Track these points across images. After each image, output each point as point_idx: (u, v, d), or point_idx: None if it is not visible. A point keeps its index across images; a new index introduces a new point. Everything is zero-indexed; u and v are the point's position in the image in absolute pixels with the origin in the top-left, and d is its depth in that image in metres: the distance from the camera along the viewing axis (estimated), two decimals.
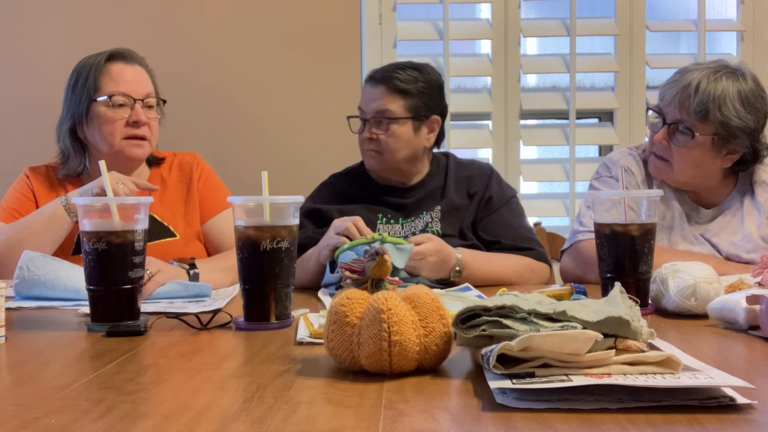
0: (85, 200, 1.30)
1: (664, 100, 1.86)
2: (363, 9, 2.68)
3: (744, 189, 1.95)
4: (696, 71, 1.82)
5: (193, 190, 2.03)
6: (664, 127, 1.84)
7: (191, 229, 1.99)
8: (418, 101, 1.96)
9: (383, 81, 1.95)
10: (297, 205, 1.31)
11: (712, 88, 1.78)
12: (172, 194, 2.02)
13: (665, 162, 1.88)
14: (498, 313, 0.92)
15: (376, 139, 1.95)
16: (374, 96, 1.95)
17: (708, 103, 1.78)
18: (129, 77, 1.91)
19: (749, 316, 1.17)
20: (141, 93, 1.90)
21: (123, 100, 1.88)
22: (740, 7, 2.78)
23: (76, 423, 0.75)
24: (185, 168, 2.06)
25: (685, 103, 1.80)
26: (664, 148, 1.86)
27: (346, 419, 0.76)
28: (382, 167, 2.00)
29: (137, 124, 1.89)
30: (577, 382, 0.78)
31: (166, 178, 2.04)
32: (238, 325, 1.26)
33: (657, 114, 1.88)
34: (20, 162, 2.07)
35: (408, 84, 1.95)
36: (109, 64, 1.91)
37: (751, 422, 0.74)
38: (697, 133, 1.80)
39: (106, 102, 1.88)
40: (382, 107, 1.94)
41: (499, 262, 1.87)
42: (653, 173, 1.93)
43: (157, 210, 1.96)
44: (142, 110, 1.90)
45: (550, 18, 2.81)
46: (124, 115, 1.89)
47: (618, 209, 1.39)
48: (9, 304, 1.43)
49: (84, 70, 1.91)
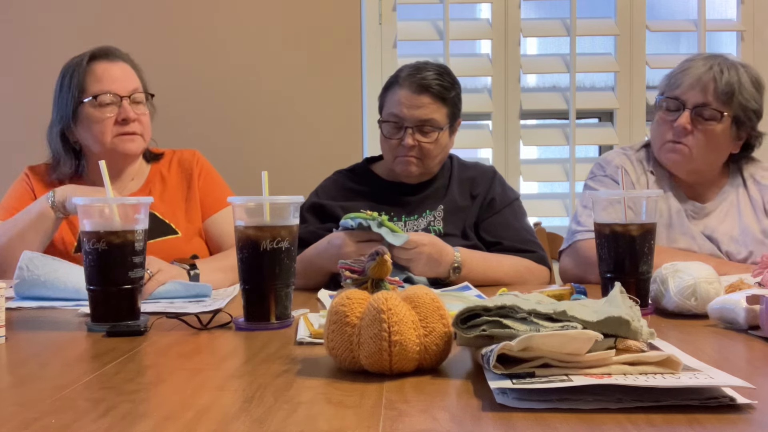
0: (85, 200, 1.30)
1: (681, 87, 1.88)
2: (363, 9, 2.68)
3: (735, 183, 1.99)
4: (708, 59, 1.89)
5: (194, 187, 2.02)
6: (686, 112, 1.86)
7: (192, 226, 1.99)
8: (454, 108, 1.98)
9: (426, 89, 1.92)
10: (297, 205, 1.31)
11: (734, 72, 1.86)
12: (172, 192, 2.01)
13: (685, 147, 1.89)
14: (498, 313, 0.92)
15: (417, 146, 1.95)
16: (417, 103, 1.92)
17: (733, 84, 1.85)
18: (114, 75, 1.90)
19: (749, 316, 1.17)
20: (127, 89, 1.90)
21: (110, 98, 1.88)
22: (740, 7, 2.77)
23: (76, 423, 0.75)
24: (185, 165, 2.06)
25: (709, 86, 1.84)
26: (687, 133, 1.87)
27: (346, 419, 0.76)
28: (420, 172, 2.00)
29: (126, 121, 1.89)
30: (577, 382, 0.78)
31: (166, 176, 2.03)
32: (238, 325, 1.26)
33: (674, 101, 1.89)
34: (19, 162, 2.07)
35: (448, 92, 1.95)
36: (92, 64, 1.89)
37: (751, 422, 0.74)
38: (725, 113, 1.85)
39: (92, 102, 1.87)
40: (427, 116, 1.93)
41: (498, 262, 1.87)
42: (670, 161, 1.93)
43: (158, 208, 1.96)
44: (130, 106, 1.89)
45: (550, 18, 2.81)
46: (112, 114, 1.88)
47: (618, 209, 1.39)
48: (9, 304, 1.43)
49: (68, 72, 1.91)
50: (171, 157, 2.07)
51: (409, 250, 1.70)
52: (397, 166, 1.99)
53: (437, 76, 1.94)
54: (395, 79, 1.98)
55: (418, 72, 1.94)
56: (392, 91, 1.97)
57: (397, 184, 2.04)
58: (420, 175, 2.01)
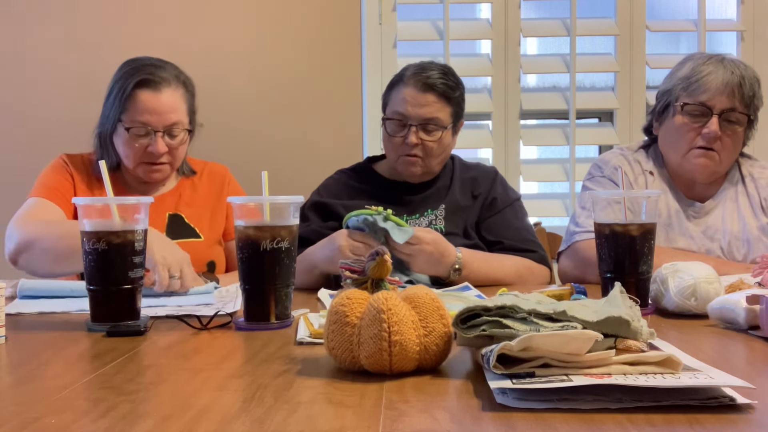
0: (85, 200, 1.30)
1: (708, 92, 1.86)
2: (363, 9, 2.68)
3: (734, 180, 1.99)
4: (719, 61, 1.90)
5: (223, 201, 2.06)
6: (714, 118, 1.86)
7: (215, 234, 2.04)
8: (457, 108, 1.99)
9: (431, 88, 1.93)
10: (297, 205, 1.31)
11: (751, 74, 1.89)
12: (201, 199, 2.05)
13: (715, 154, 1.89)
14: (498, 313, 0.92)
15: (420, 144, 1.95)
16: (422, 101, 1.93)
17: (754, 86, 1.88)
18: (153, 107, 1.86)
19: (749, 316, 1.17)
20: (164, 124, 1.87)
21: (144, 130, 1.87)
22: (740, 7, 2.78)
23: (76, 423, 0.75)
24: (216, 178, 2.10)
25: (736, 90, 1.85)
26: (717, 138, 1.87)
27: (346, 419, 0.76)
28: (423, 172, 2.00)
29: (153, 155, 1.89)
30: (577, 382, 0.78)
31: (197, 183, 2.08)
32: (238, 325, 1.26)
33: (700, 107, 1.87)
34: (21, 162, 2.07)
35: (453, 92, 1.95)
36: (136, 92, 1.86)
37: (751, 422, 0.74)
38: (749, 116, 1.88)
39: (127, 128, 1.88)
40: (431, 114, 1.93)
41: (499, 262, 1.88)
42: (700, 167, 1.91)
43: (185, 211, 2.00)
44: (163, 140, 1.88)
45: (550, 18, 2.81)
46: (143, 143, 1.88)
47: (618, 209, 1.39)
48: (9, 310, 1.42)
49: (115, 88, 1.89)
50: (203, 168, 2.11)
51: (411, 246, 1.70)
52: (399, 165, 2.00)
53: (442, 75, 1.94)
54: (400, 78, 1.98)
55: (424, 71, 1.95)
56: (397, 89, 1.97)
57: (400, 183, 2.04)
58: (422, 175, 2.01)
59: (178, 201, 2.01)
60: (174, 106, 1.89)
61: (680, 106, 1.90)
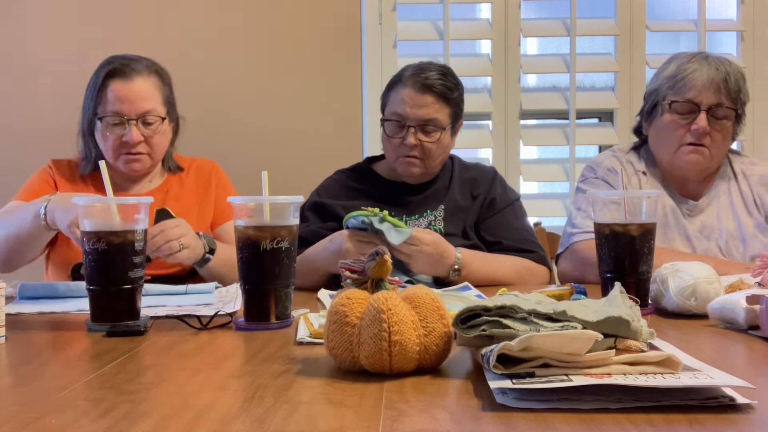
0: (85, 200, 1.30)
1: (694, 89, 1.88)
2: (363, 9, 2.68)
3: (726, 176, 2.01)
4: (703, 58, 1.91)
5: (210, 194, 2.07)
6: (702, 114, 1.88)
7: (203, 226, 2.04)
8: (456, 108, 1.99)
9: (430, 89, 1.92)
10: (297, 205, 1.31)
11: (736, 69, 1.91)
12: (188, 193, 2.06)
13: (705, 149, 1.91)
14: (498, 313, 0.92)
15: (419, 145, 1.95)
16: (421, 102, 1.93)
17: (739, 81, 1.90)
18: (124, 95, 1.87)
19: (749, 316, 1.17)
20: (136, 112, 1.88)
21: (117, 119, 1.88)
22: (740, 7, 2.77)
23: (76, 423, 0.75)
24: (203, 172, 2.11)
25: (722, 86, 1.87)
26: (706, 134, 1.89)
27: (346, 419, 0.76)
28: (422, 173, 2.00)
29: (128, 144, 1.89)
30: (577, 382, 0.78)
31: (184, 179, 2.09)
32: (238, 325, 1.27)
33: (687, 104, 1.89)
34: (20, 161, 2.06)
35: (452, 92, 1.95)
36: (106, 82, 1.88)
37: (751, 422, 0.74)
38: (736, 110, 1.90)
39: (101, 120, 1.89)
40: (430, 115, 1.93)
41: (498, 262, 1.88)
42: (691, 164, 1.93)
43: (172, 206, 2.01)
44: (138, 128, 1.89)
45: (550, 18, 2.81)
46: (119, 134, 1.89)
47: (618, 209, 1.39)
48: (9, 310, 1.42)
49: (90, 83, 1.93)
50: (190, 164, 2.12)
51: (411, 246, 1.70)
52: (399, 166, 1.99)
53: (441, 76, 1.94)
54: (399, 78, 1.98)
55: (422, 72, 1.95)
56: (396, 90, 1.97)
57: (399, 184, 2.04)
58: (421, 176, 2.01)
59: (165, 197, 2.02)
60: (146, 94, 1.90)
61: (668, 104, 1.91)
